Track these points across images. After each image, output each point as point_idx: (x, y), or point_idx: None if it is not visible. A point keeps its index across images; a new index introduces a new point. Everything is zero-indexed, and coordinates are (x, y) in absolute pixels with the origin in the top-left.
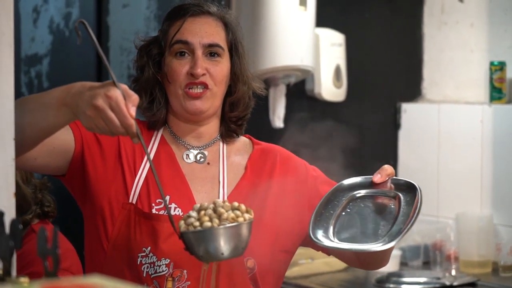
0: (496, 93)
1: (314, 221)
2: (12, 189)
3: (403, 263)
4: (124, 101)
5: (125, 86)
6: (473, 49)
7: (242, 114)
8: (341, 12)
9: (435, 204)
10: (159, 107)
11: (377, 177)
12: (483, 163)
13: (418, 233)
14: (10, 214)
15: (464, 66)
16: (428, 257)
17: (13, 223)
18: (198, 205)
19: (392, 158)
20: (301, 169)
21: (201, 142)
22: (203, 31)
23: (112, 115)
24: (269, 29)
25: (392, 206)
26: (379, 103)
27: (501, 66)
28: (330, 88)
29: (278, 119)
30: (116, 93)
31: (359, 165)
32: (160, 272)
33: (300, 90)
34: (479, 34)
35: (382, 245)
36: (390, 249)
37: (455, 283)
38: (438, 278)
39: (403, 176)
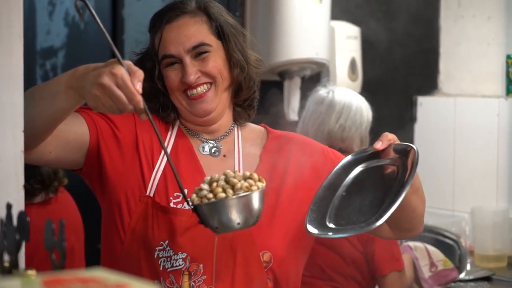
0: None
1: (313, 208)
2: (21, 181)
3: None
4: (130, 77)
5: (129, 63)
6: (490, 43)
7: (247, 96)
8: (356, 5)
9: (451, 198)
10: (168, 111)
11: (378, 144)
12: (499, 157)
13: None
14: (18, 207)
15: (481, 60)
16: None
17: (21, 215)
18: (208, 178)
19: None
20: (318, 153)
21: (216, 135)
22: (183, 35)
23: (119, 92)
24: (284, 22)
25: (391, 175)
26: (395, 96)
27: None
28: (345, 81)
29: (292, 112)
30: (121, 71)
31: None
32: (176, 266)
33: (315, 83)
34: (496, 28)
35: (367, 225)
36: (418, 212)
37: (470, 277)
38: None
39: (418, 169)
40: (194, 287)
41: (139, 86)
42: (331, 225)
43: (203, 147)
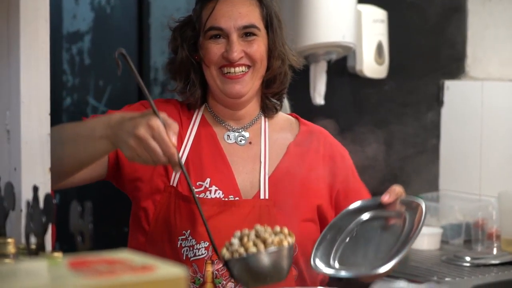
0: None
1: (317, 247)
2: (48, 164)
3: (444, 241)
4: (165, 129)
5: (164, 115)
6: None
7: (278, 90)
8: None
9: (477, 182)
10: (194, 89)
11: (386, 198)
12: None
13: (460, 211)
14: (45, 189)
15: (508, 43)
16: (469, 235)
17: (47, 198)
18: (239, 233)
19: (434, 136)
20: (340, 155)
21: (242, 123)
22: (237, 12)
23: (155, 144)
24: (310, 5)
25: (397, 226)
26: (422, 80)
27: None
28: (371, 65)
29: (318, 96)
30: (157, 123)
31: (402, 142)
32: (199, 255)
33: (341, 67)
34: None
35: (373, 269)
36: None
37: (496, 262)
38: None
39: (445, 153)
40: (217, 275)
41: (174, 139)
42: (336, 266)
43: (228, 135)
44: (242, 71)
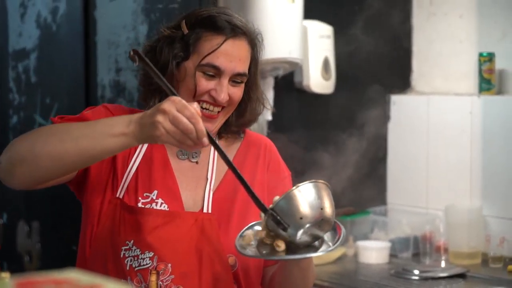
0: (485, 84)
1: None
2: None
3: (393, 255)
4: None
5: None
6: (462, 40)
7: (247, 127)
8: (329, 4)
9: (425, 196)
10: None
11: None
12: (473, 154)
13: (408, 225)
14: None
15: (453, 58)
16: (417, 248)
17: None
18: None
19: (382, 150)
20: (280, 165)
21: None
22: (237, 58)
23: (179, 114)
24: (257, 22)
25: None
26: (368, 95)
27: (490, 57)
28: (318, 80)
29: (266, 112)
30: (178, 98)
31: (349, 157)
32: (144, 265)
33: (288, 83)
34: (468, 25)
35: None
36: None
37: (444, 274)
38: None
39: (392, 167)
40: (162, 286)
41: (197, 106)
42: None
43: (182, 151)
44: (218, 110)
